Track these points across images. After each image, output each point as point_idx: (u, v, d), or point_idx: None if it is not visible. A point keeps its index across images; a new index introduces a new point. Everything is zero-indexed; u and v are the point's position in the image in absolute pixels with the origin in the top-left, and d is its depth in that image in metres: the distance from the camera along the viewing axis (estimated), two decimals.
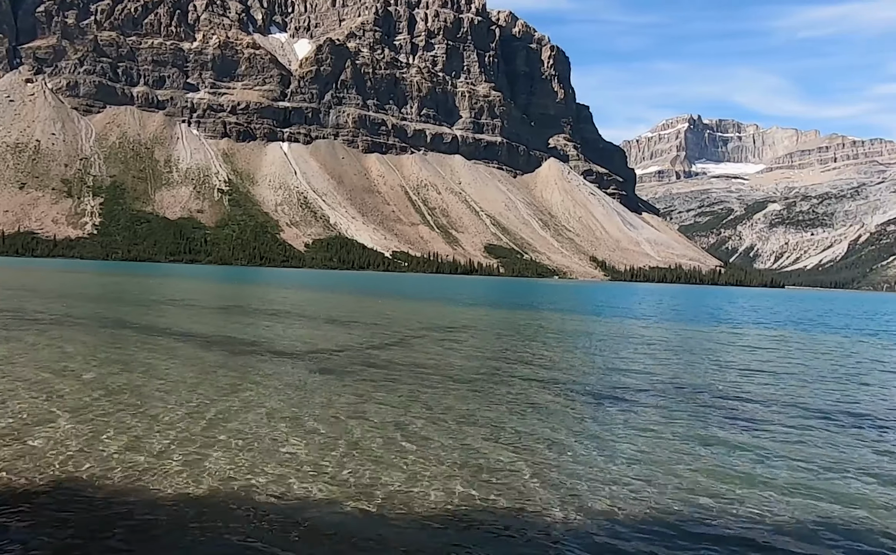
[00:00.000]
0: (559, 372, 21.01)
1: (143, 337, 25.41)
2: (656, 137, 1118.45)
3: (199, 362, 19.96)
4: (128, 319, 32.46)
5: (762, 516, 8.92)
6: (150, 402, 14.14)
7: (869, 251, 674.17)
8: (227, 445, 11.23)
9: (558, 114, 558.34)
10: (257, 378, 17.64)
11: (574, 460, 11.24)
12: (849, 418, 15.46)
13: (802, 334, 42.27)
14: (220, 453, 10.69)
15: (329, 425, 12.91)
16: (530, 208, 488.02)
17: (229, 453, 10.70)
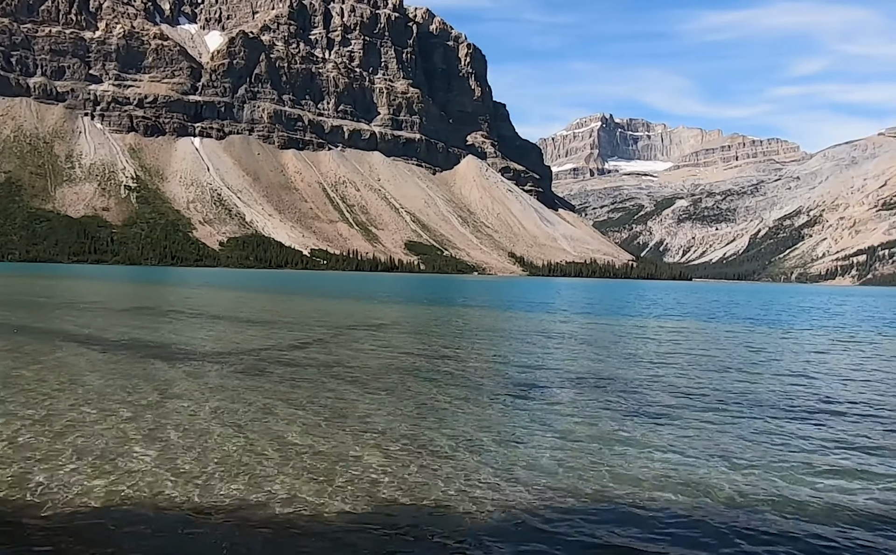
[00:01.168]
0: (477, 368, 21.11)
1: (38, 344, 23.87)
2: (571, 135, 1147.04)
3: (100, 367, 18.93)
4: (25, 324, 30.46)
5: (674, 505, 9.04)
6: (49, 410, 13.26)
7: (768, 245, 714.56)
8: (130, 452, 10.65)
9: (476, 111, 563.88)
10: (163, 383, 16.88)
11: (488, 455, 11.26)
12: (745, 404, 16.18)
13: (706, 325, 44.21)
14: (121, 461, 10.13)
15: (234, 428, 12.48)
16: (450, 205, 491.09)
17: (133, 461, 10.15)
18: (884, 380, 20.78)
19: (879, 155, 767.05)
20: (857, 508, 9.14)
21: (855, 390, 18.52)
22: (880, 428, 13.78)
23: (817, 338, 35.74)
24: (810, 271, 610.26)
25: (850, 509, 9.06)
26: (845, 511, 8.99)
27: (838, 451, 11.91)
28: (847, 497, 9.58)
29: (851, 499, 9.52)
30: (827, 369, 22.75)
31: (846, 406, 16.07)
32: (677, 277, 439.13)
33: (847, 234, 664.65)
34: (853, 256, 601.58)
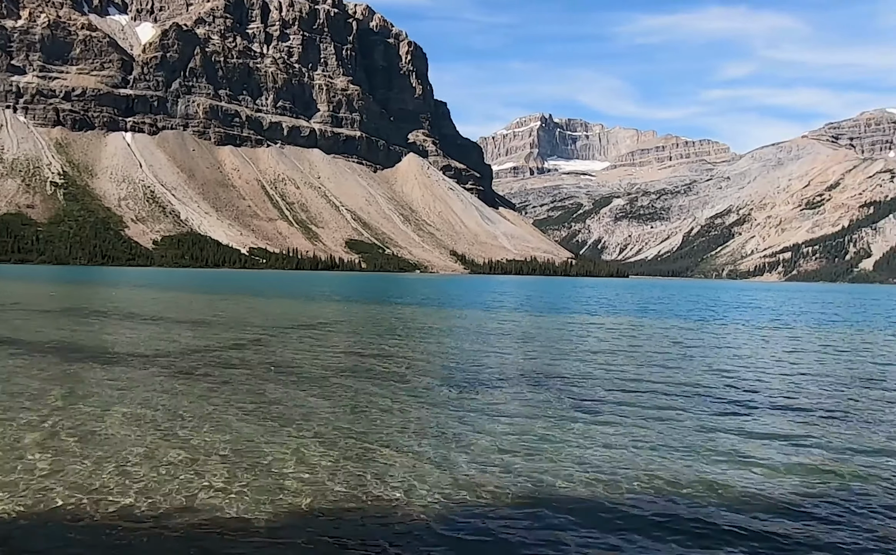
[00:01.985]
0: (417, 366, 20.98)
1: None
2: (511, 135, 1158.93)
3: (26, 371, 17.94)
4: None
5: (616, 497, 9.09)
6: None
7: (700, 242, 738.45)
8: (58, 460, 10.06)
9: (417, 109, 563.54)
10: (94, 386, 16.10)
11: (427, 453, 11.13)
12: (679, 397, 16.54)
13: (641, 321, 45.25)
14: (50, 467, 9.70)
15: (165, 432, 11.98)
16: (391, 203, 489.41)
17: (64, 467, 9.70)
18: (806, 370, 21.60)
19: (803, 157, 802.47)
20: (782, 495, 9.33)
21: (784, 381, 19.18)
22: (804, 417, 14.26)
23: (744, 331, 36.99)
24: (740, 268, 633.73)
25: (774, 497, 9.23)
26: (771, 499, 9.16)
27: (764, 440, 12.24)
28: (773, 484, 9.76)
29: (778, 486, 9.70)
30: (752, 361, 23.51)
31: (775, 397, 16.60)
32: (615, 274, 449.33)
33: (774, 232, 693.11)
34: (779, 253, 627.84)
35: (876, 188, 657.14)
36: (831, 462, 10.90)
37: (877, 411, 15.09)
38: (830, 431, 13.06)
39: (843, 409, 15.26)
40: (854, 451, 11.62)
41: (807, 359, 24.89)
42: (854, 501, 9.19)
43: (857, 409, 15.34)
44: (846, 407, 15.49)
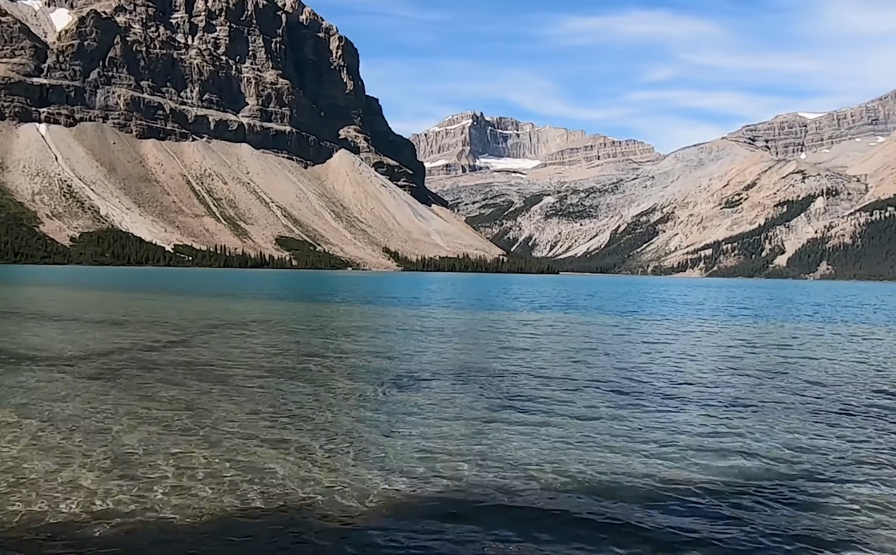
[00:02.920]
0: (348, 364, 20.54)
1: None
2: (443, 132, 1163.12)
3: None
4: None
5: (541, 494, 9.03)
6: None
7: (627, 239, 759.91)
8: None
9: (348, 105, 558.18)
10: (6, 391, 14.97)
11: (356, 452, 10.79)
12: (603, 390, 16.72)
13: (571, 316, 45.99)
14: None
15: (83, 437, 11.20)
16: (322, 200, 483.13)
17: None
18: (725, 364, 22.27)
19: (722, 158, 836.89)
20: (705, 488, 9.40)
21: (706, 374, 19.67)
22: (723, 410, 14.60)
23: (668, 326, 38.05)
24: (664, 264, 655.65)
25: (697, 490, 9.29)
26: (694, 492, 9.22)
27: (686, 434, 12.44)
28: (694, 477, 9.87)
29: (694, 476, 9.79)
30: (675, 355, 24.10)
31: (698, 390, 16.97)
32: (545, 270, 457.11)
33: (696, 229, 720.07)
34: (701, 250, 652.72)
35: (789, 188, 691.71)
36: (746, 454, 11.11)
37: (789, 403, 15.59)
38: (745, 423, 13.38)
39: (757, 400, 15.70)
40: (766, 442, 11.90)
41: (726, 352, 25.68)
42: (768, 493, 9.32)
43: (772, 400, 15.82)
44: (761, 398, 15.95)
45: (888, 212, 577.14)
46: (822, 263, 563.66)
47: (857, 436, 12.32)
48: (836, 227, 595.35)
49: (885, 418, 13.88)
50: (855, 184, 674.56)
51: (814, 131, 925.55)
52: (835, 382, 18.68)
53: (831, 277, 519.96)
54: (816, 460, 10.75)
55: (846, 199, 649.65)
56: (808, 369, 21.01)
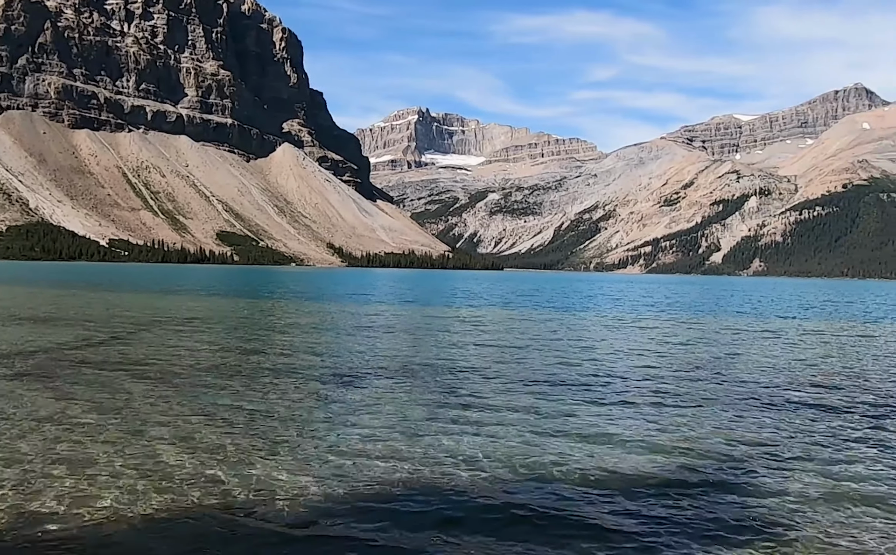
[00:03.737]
0: (286, 361, 20.01)
1: None
2: (389, 127, 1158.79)
3: None
4: None
5: (484, 487, 8.94)
6: None
7: (570, 236, 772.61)
8: None
9: (292, 98, 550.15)
10: None
11: (296, 451, 10.41)
12: (545, 384, 16.74)
13: (516, 311, 46.27)
14: None
15: (10, 439, 10.45)
16: (265, 194, 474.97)
17: None
18: (654, 357, 22.67)
19: (662, 157, 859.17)
20: (644, 478, 9.43)
21: (644, 368, 19.94)
22: (661, 403, 14.78)
23: (607, 321, 38.66)
24: (606, 261, 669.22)
25: (637, 481, 9.33)
26: (634, 483, 9.23)
27: (625, 425, 12.50)
28: (636, 468, 9.89)
29: (640, 469, 9.82)
30: (613, 349, 24.42)
31: (637, 383, 17.17)
32: (490, 267, 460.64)
33: (636, 227, 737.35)
34: (641, 247, 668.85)
35: (724, 187, 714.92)
36: (679, 446, 11.21)
37: (722, 396, 15.88)
38: (679, 415, 13.54)
39: (691, 394, 15.95)
40: (700, 434, 12.05)
41: (662, 347, 26.14)
42: (701, 483, 9.40)
43: (705, 394, 16.09)
44: (694, 392, 16.21)
45: (816, 211, 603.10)
46: (756, 260, 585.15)
47: (787, 428, 12.59)
48: (769, 225, 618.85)
49: (812, 409, 14.25)
50: (786, 184, 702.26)
51: (748, 133, 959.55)
52: (767, 375, 19.17)
53: (764, 274, 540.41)
54: (747, 451, 10.90)
55: (777, 198, 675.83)
56: (741, 363, 21.53)
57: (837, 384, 17.87)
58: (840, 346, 28.16)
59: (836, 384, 17.87)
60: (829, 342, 29.57)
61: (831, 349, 26.63)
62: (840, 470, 10.07)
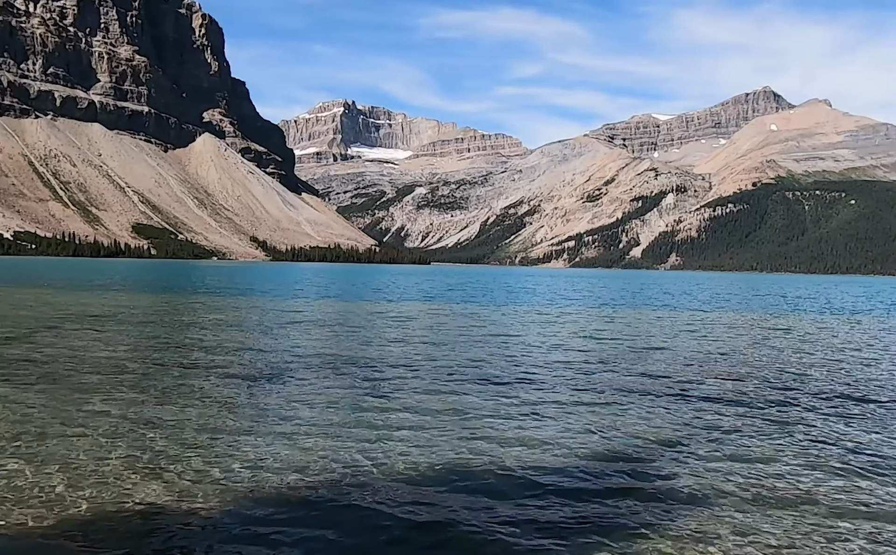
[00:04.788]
0: (207, 358, 19.30)
1: None
2: (314, 119, 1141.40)
3: None
4: None
5: (407, 480, 8.89)
6: None
7: (496, 231, 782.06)
8: None
9: (212, 87, 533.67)
10: None
11: (217, 451, 10.03)
12: (469, 377, 16.79)
13: (441, 305, 46.38)
14: None
15: None
16: (184, 186, 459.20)
17: None
18: (572, 349, 23.17)
19: (585, 154, 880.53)
20: (561, 469, 9.49)
21: (568, 360, 20.29)
22: (560, 391, 15.05)
23: (528, 314, 39.27)
24: (531, 255, 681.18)
25: (552, 473, 9.38)
26: (549, 475, 9.29)
27: (542, 416, 12.66)
28: (553, 460, 10.00)
29: (556, 460, 9.93)
30: (533, 341, 24.79)
31: (559, 374, 17.43)
32: (417, 261, 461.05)
33: (560, 222, 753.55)
34: (565, 242, 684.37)
35: (643, 184, 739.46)
36: (594, 438, 11.42)
37: (638, 388, 16.31)
38: (592, 406, 13.82)
39: (603, 385, 16.32)
40: (614, 423, 12.32)
41: (583, 341, 26.71)
42: (615, 474, 9.54)
43: (621, 385, 16.50)
44: (606, 384, 16.60)
45: (728, 208, 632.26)
46: (673, 254, 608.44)
47: (699, 420, 13.01)
48: (685, 221, 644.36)
49: (723, 402, 14.80)
50: (700, 182, 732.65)
51: (665, 132, 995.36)
52: (681, 367, 19.83)
53: (680, 268, 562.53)
54: (656, 444, 11.19)
55: (693, 195, 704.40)
56: (658, 356, 22.21)
57: (748, 375, 18.64)
58: (753, 338, 29.47)
59: (747, 375, 18.63)
60: (742, 334, 30.90)
61: (743, 341, 27.83)
62: (749, 464, 10.37)
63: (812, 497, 8.79)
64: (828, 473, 9.84)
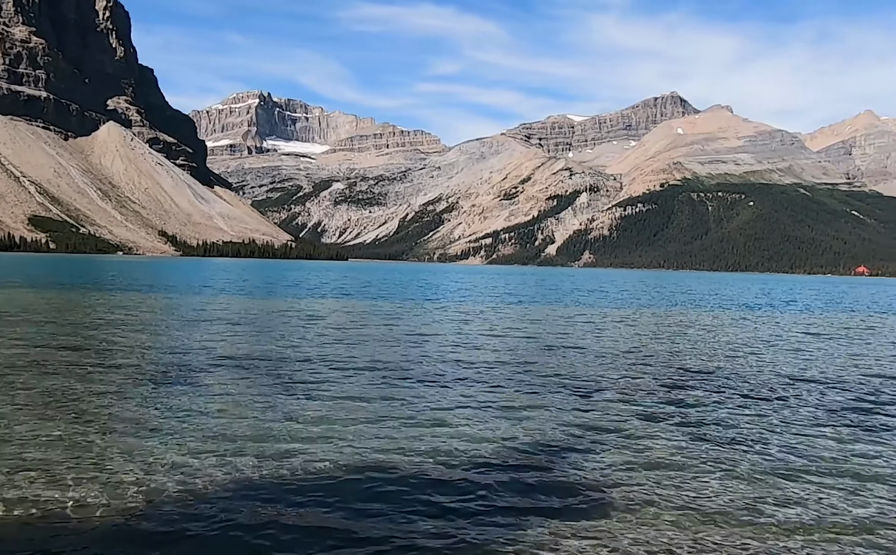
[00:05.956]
0: (115, 358, 18.31)
1: None
2: (228, 110, 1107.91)
3: None
4: None
5: (321, 474, 8.75)
6: None
7: (414, 227, 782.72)
8: None
9: (118, 73, 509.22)
10: None
11: (117, 448, 9.80)
12: (382, 371, 16.66)
13: (356, 302, 45.93)
14: None
15: None
16: (87, 176, 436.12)
17: None
18: (488, 345, 23.44)
19: (502, 152, 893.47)
20: (483, 459, 9.53)
21: (483, 354, 20.46)
22: (482, 386, 15.20)
23: (451, 311, 39.50)
24: (449, 252, 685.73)
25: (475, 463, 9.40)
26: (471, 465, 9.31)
27: (460, 408, 12.72)
28: (473, 450, 10.03)
29: (479, 451, 9.96)
30: (449, 336, 24.92)
31: (475, 368, 17.55)
32: (335, 257, 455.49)
33: (478, 219, 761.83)
34: (482, 239, 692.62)
35: (558, 184, 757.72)
36: (506, 434, 11.54)
37: (548, 384, 16.63)
38: (507, 400, 13.99)
39: (518, 380, 16.56)
40: (520, 421, 12.50)
41: (494, 335, 27.04)
42: (533, 461, 9.65)
43: (530, 381, 16.78)
44: (521, 378, 16.85)
45: (638, 208, 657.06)
46: (586, 252, 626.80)
47: (604, 412, 13.37)
48: (597, 220, 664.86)
49: (627, 400, 15.27)
50: (612, 182, 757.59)
51: (579, 133, 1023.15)
52: (590, 365, 20.36)
53: (593, 265, 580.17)
54: (561, 435, 11.42)
55: (605, 195, 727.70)
56: (567, 350, 22.73)
57: (654, 371, 19.31)
58: (653, 330, 30.60)
59: (652, 371, 19.29)
60: (644, 327, 32.04)
61: (646, 335, 28.85)
62: (648, 452, 10.73)
63: (708, 496, 8.94)
64: (726, 471, 10.14)
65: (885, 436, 12.21)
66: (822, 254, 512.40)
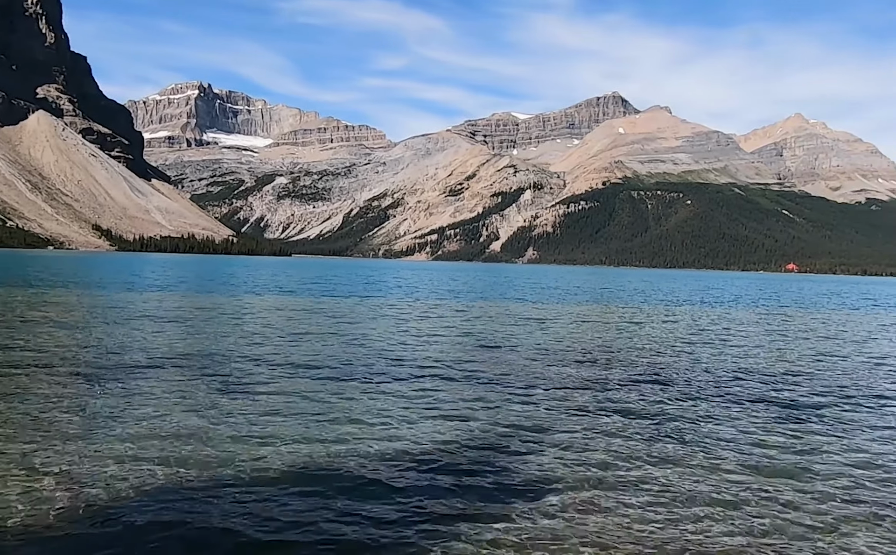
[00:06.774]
0: (45, 356, 17.50)
1: None
2: (166, 101, 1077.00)
3: None
4: None
5: (271, 469, 8.61)
6: None
7: (359, 223, 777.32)
8: None
9: (49, 61, 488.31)
10: None
11: (52, 447, 9.67)
12: (326, 369, 16.43)
13: (299, 298, 45.29)
14: None
15: None
16: (14, 167, 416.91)
17: None
18: (428, 340, 23.43)
19: (447, 149, 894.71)
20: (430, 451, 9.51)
21: (431, 348, 20.39)
22: (438, 381, 15.15)
23: (397, 308, 39.34)
24: (394, 248, 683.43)
25: (423, 455, 9.36)
26: (418, 457, 9.26)
27: (406, 402, 12.64)
28: (421, 443, 9.97)
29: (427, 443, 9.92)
30: (398, 332, 24.81)
31: (422, 363, 17.47)
32: (277, 252, 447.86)
33: (423, 215, 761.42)
34: (428, 235, 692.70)
35: (503, 180, 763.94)
36: (459, 417, 11.52)
37: (496, 379, 16.70)
38: (454, 394, 13.97)
39: (465, 374, 16.58)
40: (476, 404, 12.50)
41: (446, 333, 27.06)
42: (486, 451, 9.66)
43: (477, 376, 16.83)
44: (469, 372, 16.88)
45: (580, 206, 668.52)
46: (530, 248, 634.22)
47: (548, 407, 13.49)
48: (541, 217, 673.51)
49: (571, 388, 15.45)
50: (556, 179, 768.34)
51: (524, 130, 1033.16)
52: (536, 355, 20.54)
53: (537, 261, 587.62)
54: (508, 431, 11.45)
55: (549, 192, 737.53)
56: (514, 345, 22.88)
57: (597, 365, 19.59)
58: (599, 328, 31.12)
59: (595, 365, 19.58)
60: (592, 325, 32.56)
61: (593, 331, 29.31)
62: (588, 452, 10.84)
63: (656, 484, 9.13)
64: (665, 459, 10.34)
65: (831, 427, 12.66)
66: (755, 251, 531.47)
